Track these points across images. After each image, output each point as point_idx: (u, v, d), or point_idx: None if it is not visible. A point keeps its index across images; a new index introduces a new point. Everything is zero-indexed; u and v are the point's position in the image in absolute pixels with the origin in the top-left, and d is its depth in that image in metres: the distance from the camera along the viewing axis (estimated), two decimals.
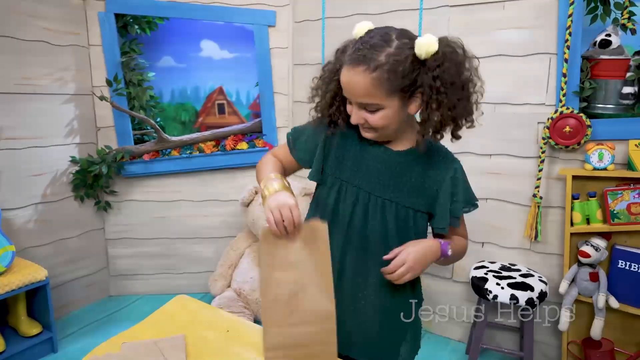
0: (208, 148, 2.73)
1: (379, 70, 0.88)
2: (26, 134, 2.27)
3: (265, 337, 0.92)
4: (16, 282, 1.98)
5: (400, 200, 1.02)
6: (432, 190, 1.02)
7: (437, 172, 1.02)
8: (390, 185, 1.02)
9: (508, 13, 2.01)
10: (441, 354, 2.25)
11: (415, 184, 1.02)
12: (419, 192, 1.02)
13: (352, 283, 1.06)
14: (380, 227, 1.02)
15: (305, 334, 0.91)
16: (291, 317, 0.91)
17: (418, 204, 1.03)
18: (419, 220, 1.04)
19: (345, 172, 1.05)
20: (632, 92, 1.82)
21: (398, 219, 1.02)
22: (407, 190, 1.02)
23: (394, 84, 0.89)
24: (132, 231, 2.77)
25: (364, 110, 0.94)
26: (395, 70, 0.88)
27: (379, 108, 0.93)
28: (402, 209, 1.02)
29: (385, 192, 1.02)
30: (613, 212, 1.82)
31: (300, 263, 0.91)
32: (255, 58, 2.73)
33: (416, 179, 1.02)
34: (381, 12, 2.31)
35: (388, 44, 0.89)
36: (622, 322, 1.92)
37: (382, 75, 0.88)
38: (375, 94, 0.90)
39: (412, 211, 1.03)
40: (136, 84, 2.62)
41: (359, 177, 1.03)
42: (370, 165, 1.03)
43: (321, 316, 0.91)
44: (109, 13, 2.48)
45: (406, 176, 1.02)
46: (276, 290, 0.90)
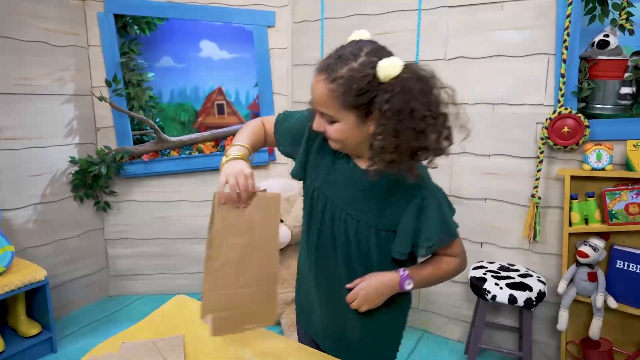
0: (207, 148, 2.73)
1: (336, 82, 0.87)
2: (26, 134, 2.27)
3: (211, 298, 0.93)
4: (15, 282, 1.98)
5: (362, 218, 0.99)
6: (395, 213, 0.98)
7: (402, 198, 0.97)
8: (353, 202, 1.00)
9: (507, 13, 2.01)
10: (440, 354, 2.26)
11: (377, 206, 0.99)
12: (382, 212, 0.99)
13: (326, 284, 1.09)
14: (344, 239, 1.02)
15: (249, 294, 0.96)
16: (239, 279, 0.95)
17: (381, 223, 0.99)
18: (383, 238, 1.00)
19: (319, 179, 1.05)
20: (630, 92, 1.83)
21: (359, 235, 1.00)
22: (368, 210, 0.99)
23: (348, 99, 0.87)
24: (132, 231, 2.77)
25: (324, 119, 0.94)
26: (351, 85, 0.86)
27: (334, 120, 0.91)
28: (364, 226, 0.99)
29: (347, 208, 1.01)
30: (611, 212, 1.82)
31: (251, 229, 0.95)
32: (254, 58, 2.73)
33: (378, 201, 0.98)
34: (380, 12, 2.32)
35: (354, 59, 0.87)
36: (620, 322, 1.92)
37: (338, 88, 0.87)
38: (331, 105, 0.89)
39: (375, 229, 1.00)
40: (135, 84, 2.63)
41: (328, 188, 1.03)
42: (338, 179, 1.02)
43: (265, 279, 0.98)
44: (108, 13, 2.48)
45: (369, 195, 0.99)
46: (227, 254, 0.93)
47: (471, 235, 2.25)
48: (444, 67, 2.19)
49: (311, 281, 1.12)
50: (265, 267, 0.98)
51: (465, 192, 2.23)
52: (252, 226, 0.95)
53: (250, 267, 0.95)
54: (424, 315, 2.45)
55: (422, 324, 2.46)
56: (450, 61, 2.18)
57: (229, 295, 0.94)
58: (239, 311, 0.96)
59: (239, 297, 0.95)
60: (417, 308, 2.46)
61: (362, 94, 0.86)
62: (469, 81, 2.14)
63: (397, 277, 1.00)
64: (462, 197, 2.24)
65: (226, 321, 0.95)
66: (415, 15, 2.19)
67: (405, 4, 2.24)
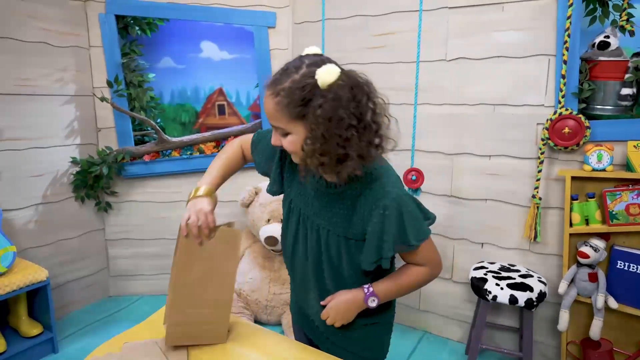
0: (208, 149, 2.74)
1: (280, 95, 0.89)
2: (27, 134, 2.28)
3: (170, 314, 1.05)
4: (17, 283, 1.98)
5: (331, 228, 1.03)
6: (360, 223, 0.99)
7: (365, 208, 0.97)
8: (322, 213, 1.04)
9: (507, 14, 2.02)
10: (440, 354, 2.26)
11: (345, 216, 1.01)
12: (349, 223, 1.00)
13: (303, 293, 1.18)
14: (315, 249, 1.07)
15: (203, 315, 1.07)
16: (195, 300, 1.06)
17: (350, 232, 1.01)
18: (352, 247, 1.02)
19: (293, 192, 1.11)
20: (631, 93, 1.83)
21: (329, 245, 1.04)
22: (336, 220, 1.02)
23: (292, 110, 0.89)
24: (132, 232, 2.77)
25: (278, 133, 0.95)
26: (292, 96, 0.88)
27: (286, 132, 0.93)
28: (334, 236, 1.03)
29: (317, 219, 1.05)
30: (612, 212, 1.83)
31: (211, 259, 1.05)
32: (255, 59, 2.74)
33: (345, 211, 1.00)
34: (381, 13, 2.32)
35: (296, 71, 0.89)
36: (620, 323, 1.93)
37: (282, 100, 0.89)
38: (279, 118, 0.91)
39: (344, 239, 1.02)
40: (136, 85, 2.63)
41: (300, 200, 1.09)
42: (308, 191, 1.07)
43: (220, 304, 1.09)
44: (109, 14, 2.49)
45: (335, 208, 1.02)
46: (186, 278, 1.04)
47: (472, 235, 2.25)
48: (444, 67, 2.20)
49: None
50: (221, 294, 1.08)
51: (466, 193, 2.24)
52: (212, 256, 1.05)
53: (206, 292, 1.07)
54: (425, 316, 2.45)
55: (423, 325, 2.47)
56: (450, 62, 2.18)
57: (185, 313, 1.06)
58: (193, 328, 1.07)
59: (193, 316, 1.06)
60: (418, 308, 2.46)
61: (304, 104, 0.88)
62: (469, 82, 2.14)
63: (362, 295, 1.04)
64: (462, 198, 2.25)
65: (180, 334, 1.06)
66: (416, 16, 2.19)
67: (405, 5, 2.24)
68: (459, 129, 2.20)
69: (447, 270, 2.35)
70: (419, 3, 2.08)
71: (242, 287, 2.49)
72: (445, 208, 2.29)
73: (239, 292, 2.50)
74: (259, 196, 2.52)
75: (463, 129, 2.20)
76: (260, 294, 2.45)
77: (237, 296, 2.50)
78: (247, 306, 2.48)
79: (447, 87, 2.20)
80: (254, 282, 2.47)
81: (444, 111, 2.23)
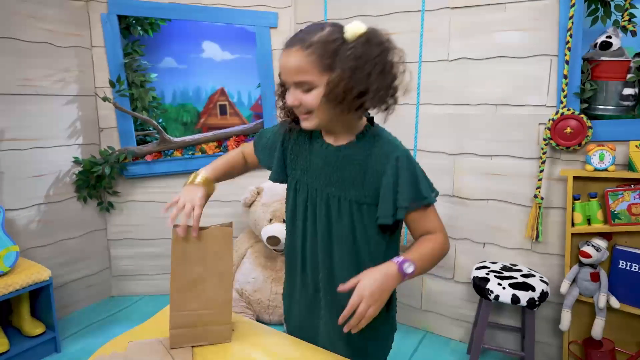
0: (210, 149, 2.74)
1: (311, 47, 0.93)
2: (29, 135, 2.28)
3: (171, 318, 1.06)
4: (20, 282, 1.99)
5: (342, 194, 1.03)
6: (373, 182, 1.01)
7: (378, 163, 1.01)
8: (331, 180, 1.04)
9: (509, 15, 2.02)
10: (442, 354, 2.26)
11: (356, 177, 1.02)
12: (361, 184, 1.02)
13: (312, 278, 1.12)
14: (325, 222, 1.05)
15: (204, 316, 1.08)
16: (194, 302, 1.07)
17: (361, 196, 1.02)
18: (365, 213, 1.02)
19: (298, 171, 1.10)
20: (633, 93, 1.83)
21: (341, 214, 1.03)
22: (348, 184, 1.02)
23: (324, 61, 0.93)
24: (134, 232, 2.78)
25: (299, 91, 0.96)
26: (325, 47, 0.93)
27: (312, 87, 0.95)
28: (345, 202, 1.03)
29: (327, 187, 1.05)
30: (614, 212, 1.83)
31: (205, 259, 1.06)
32: (256, 59, 2.74)
33: (357, 171, 1.02)
34: (383, 13, 2.33)
35: (322, 29, 0.95)
36: (623, 322, 1.93)
37: (314, 51, 0.93)
38: (308, 71, 0.93)
39: (356, 204, 1.02)
40: (139, 85, 2.63)
41: (308, 175, 1.08)
42: (315, 162, 1.07)
43: (219, 303, 1.08)
44: (111, 15, 2.49)
45: (346, 170, 1.03)
46: (183, 280, 1.05)
47: (474, 235, 2.26)
48: (446, 68, 2.20)
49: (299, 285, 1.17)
50: (220, 294, 1.08)
51: (468, 193, 2.24)
52: (206, 256, 1.06)
53: (205, 293, 1.07)
54: (426, 316, 2.45)
55: (425, 325, 2.47)
56: (452, 62, 2.19)
57: (185, 315, 1.06)
58: (196, 329, 1.08)
59: (194, 318, 1.07)
60: (420, 308, 2.46)
61: (334, 54, 0.93)
62: (471, 82, 2.15)
63: (394, 265, 0.94)
64: (464, 198, 2.25)
65: (184, 337, 1.07)
66: (418, 17, 2.20)
67: (407, 5, 2.25)
68: (461, 129, 2.21)
69: (449, 270, 2.35)
70: (421, 3, 2.09)
71: (245, 287, 2.49)
72: (447, 208, 2.29)
73: (241, 291, 2.50)
74: (261, 196, 2.52)
75: (465, 129, 2.20)
76: (262, 293, 2.46)
77: (239, 296, 2.51)
78: (249, 306, 2.48)
79: (449, 87, 2.21)
80: (256, 282, 2.47)
81: (446, 111, 2.23)
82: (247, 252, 2.62)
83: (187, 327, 1.07)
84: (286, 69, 0.96)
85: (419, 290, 2.44)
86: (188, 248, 1.05)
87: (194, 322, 1.07)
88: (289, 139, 1.12)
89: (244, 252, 2.62)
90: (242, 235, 2.72)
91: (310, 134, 1.10)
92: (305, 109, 0.97)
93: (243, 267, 2.56)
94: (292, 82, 0.96)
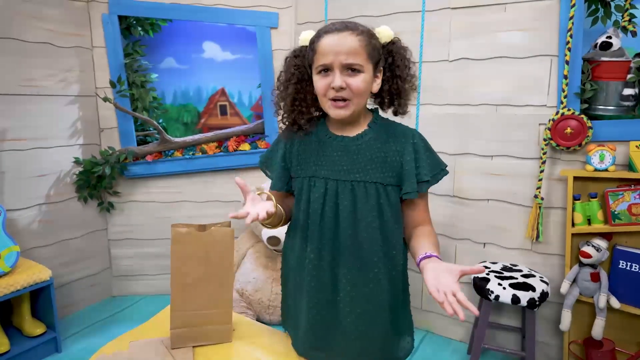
0: (211, 149, 2.74)
1: (362, 35, 1.00)
2: (30, 135, 2.28)
3: (172, 318, 1.07)
4: (21, 282, 1.99)
5: (367, 177, 1.05)
6: (395, 161, 1.06)
7: (397, 144, 1.07)
8: (353, 167, 1.06)
9: (509, 15, 2.02)
10: (443, 354, 2.26)
11: (377, 160, 1.06)
12: (383, 166, 1.06)
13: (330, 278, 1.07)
14: (351, 209, 1.05)
15: (205, 315, 1.09)
16: (195, 302, 1.08)
17: (385, 177, 1.05)
18: (391, 193, 1.06)
19: (310, 169, 1.10)
20: (633, 93, 1.84)
21: (369, 197, 1.05)
22: (371, 167, 1.05)
23: (371, 52, 1.01)
24: (135, 232, 2.78)
25: (347, 73, 1.00)
26: (371, 39, 1.02)
27: (360, 70, 1.00)
28: (371, 186, 1.05)
29: (350, 175, 1.06)
30: (614, 212, 1.83)
31: (206, 260, 1.07)
32: (257, 59, 2.74)
33: (377, 154, 1.06)
34: (383, 14, 2.33)
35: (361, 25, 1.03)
36: (623, 322, 1.93)
37: (365, 39, 1.00)
38: (360, 54, 0.99)
39: (382, 186, 1.05)
40: (139, 85, 2.64)
41: (324, 169, 1.08)
42: (331, 155, 1.08)
43: (220, 303, 1.10)
44: (112, 15, 2.49)
45: (367, 155, 1.06)
46: (183, 280, 1.07)
47: (474, 235, 2.26)
48: (447, 68, 2.21)
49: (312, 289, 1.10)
50: (221, 293, 1.10)
51: (468, 193, 2.24)
52: (207, 257, 1.07)
53: (206, 292, 1.08)
54: (427, 316, 2.46)
55: (425, 324, 2.47)
56: (453, 62, 2.19)
57: (186, 315, 1.08)
58: (197, 329, 1.09)
59: (195, 317, 1.08)
60: (420, 308, 2.47)
61: (376, 50, 1.03)
62: (472, 82, 2.15)
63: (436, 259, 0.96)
64: (465, 198, 2.25)
65: (184, 337, 1.08)
66: (419, 17, 2.20)
67: (408, 5, 2.25)
68: (462, 129, 2.21)
69: None
70: (422, 3, 2.09)
71: (245, 287, 2.49)
72: (448, 208, 2.29)
73: (242, 291, 2.50)
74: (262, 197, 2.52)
75: (465, 130, 2.20)
76: (263, 293, 2.46)
77: (239, 296, 2.51)
78: (249, 306, 2.49)
79: (450, 87, 2.21)
80: (257, 282, 2.48)
81: (447, 111, 2.24)
82: (248, 252, 2.62)
83: (188, 327, 1.08)
84: (337, 50, 0.99)
85: (419, 290, 2.45)
86: (189, 248, 1.05)
87: (194, 322, 1.08)
88: (292, 144, 1.13)
89: (245, 252, 2.63)
90: (242, 235, 2.72)
91: (314, 134, 1.12)
92: (348, 94, 1.01)
93: (243, 267, 2.56)
94: (340, 64, 0.99)
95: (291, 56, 1.11)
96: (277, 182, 1.15)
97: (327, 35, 1.00)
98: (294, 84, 1.08)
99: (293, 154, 1.13)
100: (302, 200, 1.11)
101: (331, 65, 1.00)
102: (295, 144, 1.12)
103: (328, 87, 1.01)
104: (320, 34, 1.02)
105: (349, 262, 1.06)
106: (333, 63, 0.99)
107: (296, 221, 1.14)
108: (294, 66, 1.09)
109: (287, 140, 1.14)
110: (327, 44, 0.99)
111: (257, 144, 2.77)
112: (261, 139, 2.79)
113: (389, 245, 1.07)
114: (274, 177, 1.15)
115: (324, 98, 1.03)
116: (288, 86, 1.09)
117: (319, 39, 1.02)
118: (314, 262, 1.07)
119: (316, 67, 1.03)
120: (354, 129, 1.09)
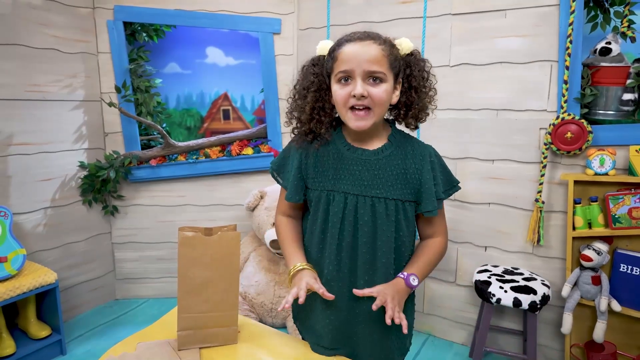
0: (214, 153, 2.77)
1: (384, 44, 1.01)
2: (36, 139, 2.31)
3: (179, 320, 1.09)
4: (27, 285, 2.01)
5: (388, 194, 1.05)
6: (414, 178, 1.06)
7: (415, 160, 1.07)
8: (374, 183, 1.05)
9: (509, 21, 2.05)
10: (444, 357, 2.27)
11: (397, 176, 1.06)
12: (403, 183, 1.06)
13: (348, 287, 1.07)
14: (371, 224, 1.05)
15: (211, 318, 1.11)
16: (201, 305, 1.10)
17: (405, 194, 1.06)
18: (408, 209, 1.08)
19: (329, 182, 1.08)
20: (632, 98, 1.85)
21: (389, 213, 1.05)
22: (391, 183, 1.05)
23: (393, 62, 1.01)
24: (139, 235, 2.80)
25: (368, 82, 1.00)
26: (392, 50, 1.02)
27: (383, 80, 1.00)
28: (392, 203, 1.05)
29: (371, 191, 1.05)
30: (614, 216, 1.85)
31: (213, 263, 1.09)
32: (259, 65, 2.77)
33: (397, 171, 1.06)
34: (385, 20, 2.36)
35: (383, 35, 1.04)
36: (624, 325, 1.94)
37: (387, 48, 1.01)
38: (383, 63, 0.99)
39: (401, 202, 1.06)
40: (143, 90, 2.67)
41: (343, 183, 1.06)
42: (351, 169, 1.07)
43: (226, 306, 1.12)
44: (117, 21, 2.53)
45: (387, 171, 1.06)
46: (190, 284, 1.08)
47: (475, 239, 2.28)
48: (448, 73, 2.23)
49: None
50: (227, 296, 1.12)
51: (470, 197, 2.26)
52: (214, 261, 1.09)
53: (213, 296, 1.10)
54: (429, 319, 2.47)
55: (427, 328, 2.48)
56: (454, 68, 2.21)
57: (193, 317, 1.09)
58: (203, 331, 1.11)
59: (202, 320, 1.10)
60: (422, 312, 2.48)
61: (397, 60, 1.03)
62: (472, 87, 2.17)
63: (402, 280, 1.05)
64: (466, 202, 2.27)
65: (191, 338, 1.10)
66: (420, 23, 2.23)
67: (409, 11, 2.28)
68: (463, 134, 2.23)
69: (451, 273, 2.36)
70: (423, 9, 2.12)
71: (248, 290, 2.51)
72: (450, 212, 2.31)
73: (245, 295, 2.52)
74: (264, 200, 2.55)
75: (467, 134, 2.22)
76: (265, 296, 2.47)
77: (242, 299, 2.52)
78: (252, 309, 2.50)
79: (451, 92, 2.23)
80: (260, 285, 2.49)
81: (448, 116, 2.26)
82: (251, 255, 2.63)
83: (194, 328, 1.09)
84: (359, 58, 0.99)
85: (421, 294, 2.46)
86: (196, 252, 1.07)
87: (201, 324, 1.10)
88: (307, 155, 1.10)
89: (247, 256, 2.64)
90: (245, 238, 2.74)
91: (331, 145, 1.09)
92: (370, 103, 1.00)
93: (246, 271, 2.58)
94: (362, 72, 0.99)
95: (309, 64, 1.10)
96: (294, 195, 1.11)
97: (349, 43, 1.00)
98: (314, 92, 1.06)
99: (309, 166, 1.10)
100: (319, 212, 1.09)
101: (352, 73, 0.99)
102: (311, 155, 1.10)
103: (349, 96, 1.00)
104: (342, 42, 1.02)
105: (366, 275, 1.07)
106: (355, 70, 0.98)
107: (311, 233, 1.13)
108: (313, 74, 1.07)
109: (302, 151, 1.11)
110: (350, 51, 0.99)
111: (260, 148, 2.79)
112: (264, 143, 2.81)
113: (401, 259, 1.10)
114: (289, 189, 1.12)
115: (344, 108, 1.02)
116: (307, 95, 1.07)
117: (340, 47, 1.01)
118: (332, 273, 1.08)
119: (336, 75, 1.02)
120: (373, 142, 1.09)
